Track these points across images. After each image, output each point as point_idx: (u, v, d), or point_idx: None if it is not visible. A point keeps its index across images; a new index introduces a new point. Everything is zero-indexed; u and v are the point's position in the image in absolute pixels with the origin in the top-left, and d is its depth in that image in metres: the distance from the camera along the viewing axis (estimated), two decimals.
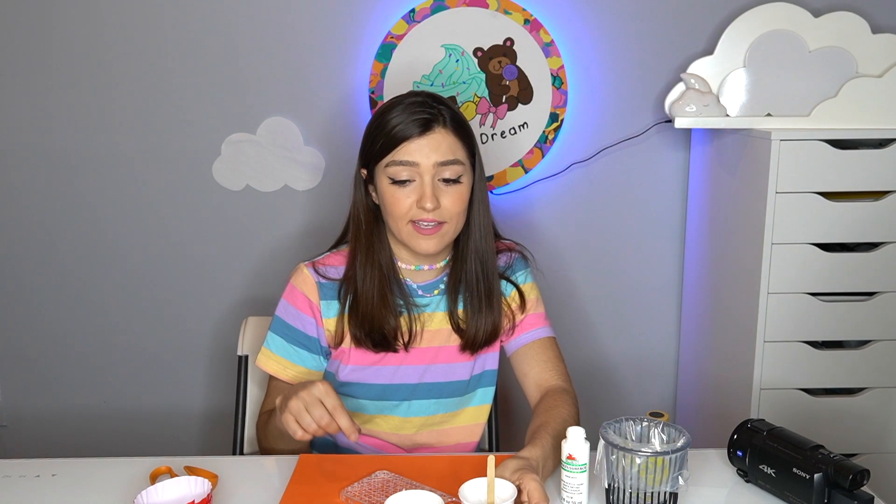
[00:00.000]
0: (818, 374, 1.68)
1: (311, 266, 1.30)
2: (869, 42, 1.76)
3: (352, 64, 1.99)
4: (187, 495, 0.99)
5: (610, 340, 2.18)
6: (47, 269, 2.10)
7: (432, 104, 1.21)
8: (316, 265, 1.30)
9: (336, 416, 1.06)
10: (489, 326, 1.30)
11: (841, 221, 1.61)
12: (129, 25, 1.95)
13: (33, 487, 1.12)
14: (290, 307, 1.29)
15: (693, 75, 1.79)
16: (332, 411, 1.06)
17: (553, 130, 2.02)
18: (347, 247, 1.32)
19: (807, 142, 1.58)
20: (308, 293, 1.28)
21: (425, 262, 1.30)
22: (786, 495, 1.04)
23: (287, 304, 1.30)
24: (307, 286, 1.28)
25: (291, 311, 1.29)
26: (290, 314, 1.29)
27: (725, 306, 1.84)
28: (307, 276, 1.29)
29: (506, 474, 1.01)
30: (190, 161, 2.04)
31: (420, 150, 1.19)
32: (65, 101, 2.00)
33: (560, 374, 1.32)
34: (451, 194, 1.21)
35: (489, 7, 1.94)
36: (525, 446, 1.12)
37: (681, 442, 1.01)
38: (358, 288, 1.26)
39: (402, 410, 1.31)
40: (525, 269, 1.39)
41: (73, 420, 2.19)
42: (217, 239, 2.08)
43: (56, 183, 2.04)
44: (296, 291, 1.29)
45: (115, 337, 2.14)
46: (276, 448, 1.26)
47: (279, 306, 1.31)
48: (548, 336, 1.35)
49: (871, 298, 1.65)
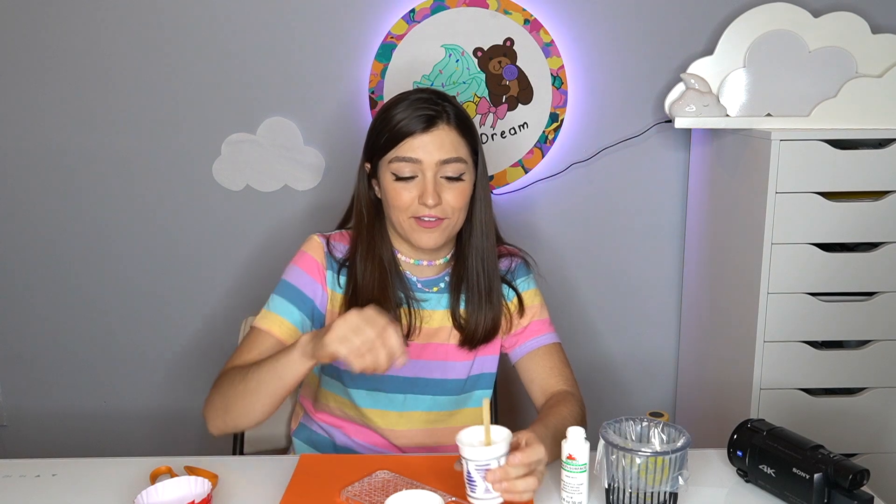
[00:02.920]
0: (818, 374, 1.68)
1: (323, 238, 1.31)
2: (869, 42, 1.76)
3: (352, 64, 1.99)
4: (187, 495, 0.99)
5: (610, 340, 2.18)
6: (48, 270, 2.10)
7: (437, 101, 1.23)
8: (329, 239, 1.31)
9: (385, 336, 1.01)
10: (489, 322, 1.30)
11: (841, 221, 1.61)
12: (129, 25, 1.95)
13: (33, 487, 1.12)
14: (296, 268, 1.29)
15: (693, 75, 1.79)
16: (382, 331, 1.01)
17: (553, 130, 2.02)
18: (344, 231, 1.34)
19: (807, 142, 1.58)
20: (318, 258, 1.29)
21: (426, 258, 1.31)
22: (786, 495, 1.04)
23: (294, 266, 1.30)
24: (318, 253, 1.29)
25: (296, 270, 1.29)
26: (294, 273, 1.29)
27: (725, 306, 1.84)
28: (319, 245, 1.30)
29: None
30: (190, 161, 2.04)
31: (423, 146, 1.20)
32: (64, 102, 2.00)
33: (566, 379, 1.32)
34: (452, 191, 1.23)
35: (489, 7, 1.94)
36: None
37: (681, 442, 1.01)
38: (358, 280, 1.27)
39: (397, 404, 1.31)
40: (527, 276, 1.39)
41: (73, 420, 2.19)
42: (217, 239, 2.08)
43: (56, 183, 2.04)
44: (306, 255, 1.30)
45: (114, 337, 2.14)
46: (236, 407, 1.14)
47: (286, 270, 1.30)
48: (553, 342, 1.35)
49: (871, 298, 1.65)
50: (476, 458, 0.99)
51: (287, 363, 1.08)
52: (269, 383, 1.10)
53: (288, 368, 1.08)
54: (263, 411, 1.13)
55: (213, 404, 1.18)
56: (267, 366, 1.11)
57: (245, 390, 1.13)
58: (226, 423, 1.17)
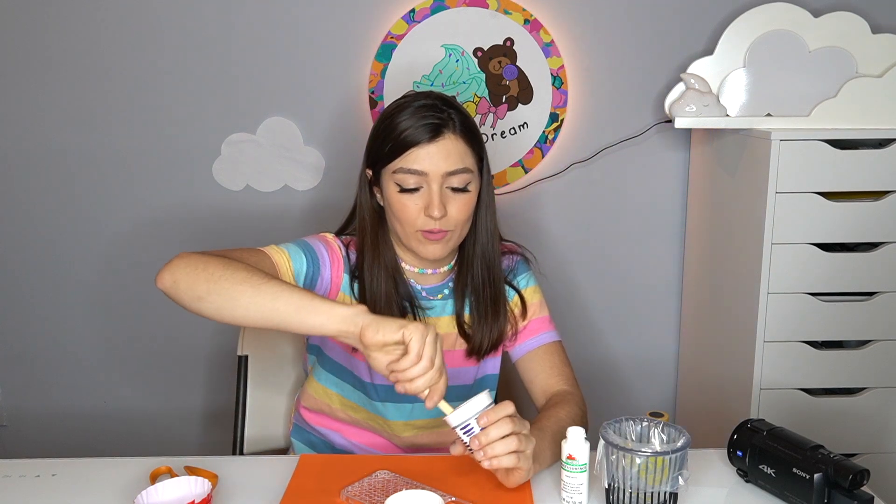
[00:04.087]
0: (818, 374, 1.68)
1: (338, 240, 1.27)
2: (869, 42, 1.76)
3: (352, 64, 1.99)
4: (187, 495, 0.99)
5: (610, 340, 2.18)
6: (47, 269, 2.10)
7: (442, 108, 1.18)
8: (342, 243, 1.27)
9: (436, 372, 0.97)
10: (495, 334, 1.29)
11: (841, 221, 1.61)
12: (129, 26, 1.96)
13: (33, 487, 1.12)
14: (321, 245, 1.24)
15: (693, 75, 1.79)
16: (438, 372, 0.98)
17: (553, 130, 2.02)
18: (354, 238, 1.29)
19: (807, 142, 1.58)
20: (341, 255, 1.25)
21: (429, 266, 1.29)
22: (786, 495, 1.04)
23: (318, 242, 1.24)
24: (340, 252, 1.25)
25: (320, 246, 1.23)
26: (317, 245, 1.23)
27: (725, 306, 1.84)
28: (339, 246, 1.26)
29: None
30: (190, 161, 2.04)
31: (429, 157, 1.16)
32: (64, 102, 2.00)
33: (566, 378, 1.31)
34: (458, 202, 1.20)
35: (489, 7, 1.94)
36: None
37: (681, 442, 1.01)
38: (366, 288, 1.24)
39: (404, 413, 1.31)
40: (527, 273, 1.37)
41: (73, 420, 2.19)
42: (217, 239, 2.08)
43: (56, 183, 2.04)
44: (332, 246, 1.25)
45: (115, 337, 2.15)
46: (220, 298, 1.01)
47: (306, 238, 1.25)
48: (553, 341, 1.34)
49: (871, 298, 1.65)
50: (454, 422, 1.01)
51: (319, 311, 0.97)
52: (279, 310, 0.98)
53: (316, 317, 0.97)
54: (244, 321, 1.01)
55: (189, 274, 1.03)
56: (291, 294, 0.98)
57: (245, 293, 0.99)
58: (190, 297, 1.04)
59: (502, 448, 0.99)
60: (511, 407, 1.02)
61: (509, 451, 0.99)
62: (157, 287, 1.06)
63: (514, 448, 0.99)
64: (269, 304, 0.99)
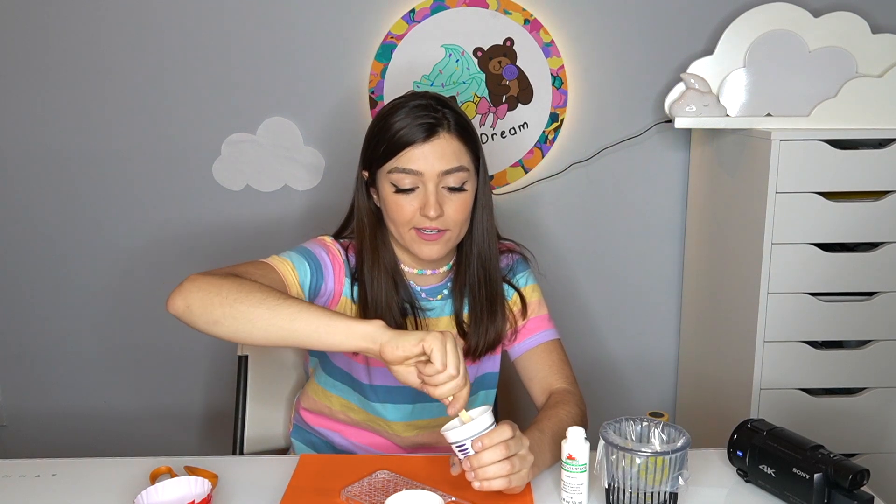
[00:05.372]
0: (818, 374, 1.68)
1: (337, 244, 1.27)
2: (869, 42, 1.76)
3: (352, 64, 1.99)
4: (187, 495, 0.99)
5: (610, 340, 2.18)
6: (47, 269, 2.10)
7: (436, 107, 1.18)
8: (341, 246, 1.27)
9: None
10: (491, 336, 1.28)
11: (841, 221, 1.61)
12: (129, 26, 1.96)
13: (33, 487, 1.12)
14: (321, 249, 1.24)
15: (693, 75, 1.79)
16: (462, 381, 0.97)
17: (553, 130, 2.02)
18: (353, 241, 1.29)
19: (807, 142, 1.58)
20: (341, 258, 1.25)
21: (428, 267, 1.29)
22: (786, 495, 1.04)
23: (317, 246, 1.24)
24: (340, 256, 1.25)
25: (320, 251, 1.23)
26: (318, 250, 1.23)
27: (725, 306, 1.84)
28: (339, 250, 1.26)
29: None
30: (190, 161, 2.04)
31: (424, 157, 1.16)
32: (64, 102, 2.00)
33: (565, 377, 1.31)
34: (454, 202, 1.19)
35: (489, 7, 1.94)
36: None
37: (681, 442, 1.01)
38: (367, 290, 1.24)
39: (405, 414, 1.31)
40: (526, 271, 1.37)
41: (73, 420, 2.19)
42: (217, 239, 2.08)
43: (55, 183, 2.04)
44: (332, 250, 1.25)
45: (115, 337, 2.15)
46: (236, 321, 0.99)
47: (305, 244, 1.25)
48: (552, 339, 1.34)
49: (871, 298, 1.65)
50: (451, 438, 1.00)
51: (337, 331, 0.97)
52: (298, 331, 0.98)
53: (335, 336, 0.97)
54: (262, 342, 1.00)
55: (202, 298, 1.02)
56: (309, 314, 0.98)
57: (262, 315, 0.98)
58: (205, 322, 1.01)
59: (493, 472, 0.98)
60: (508, 432, 1.00)
61: (499, 476, 0.99)
62: (169, 311, 1.05)
63: (505, 473, 0.99)
64: (287, 325, 0.99)
